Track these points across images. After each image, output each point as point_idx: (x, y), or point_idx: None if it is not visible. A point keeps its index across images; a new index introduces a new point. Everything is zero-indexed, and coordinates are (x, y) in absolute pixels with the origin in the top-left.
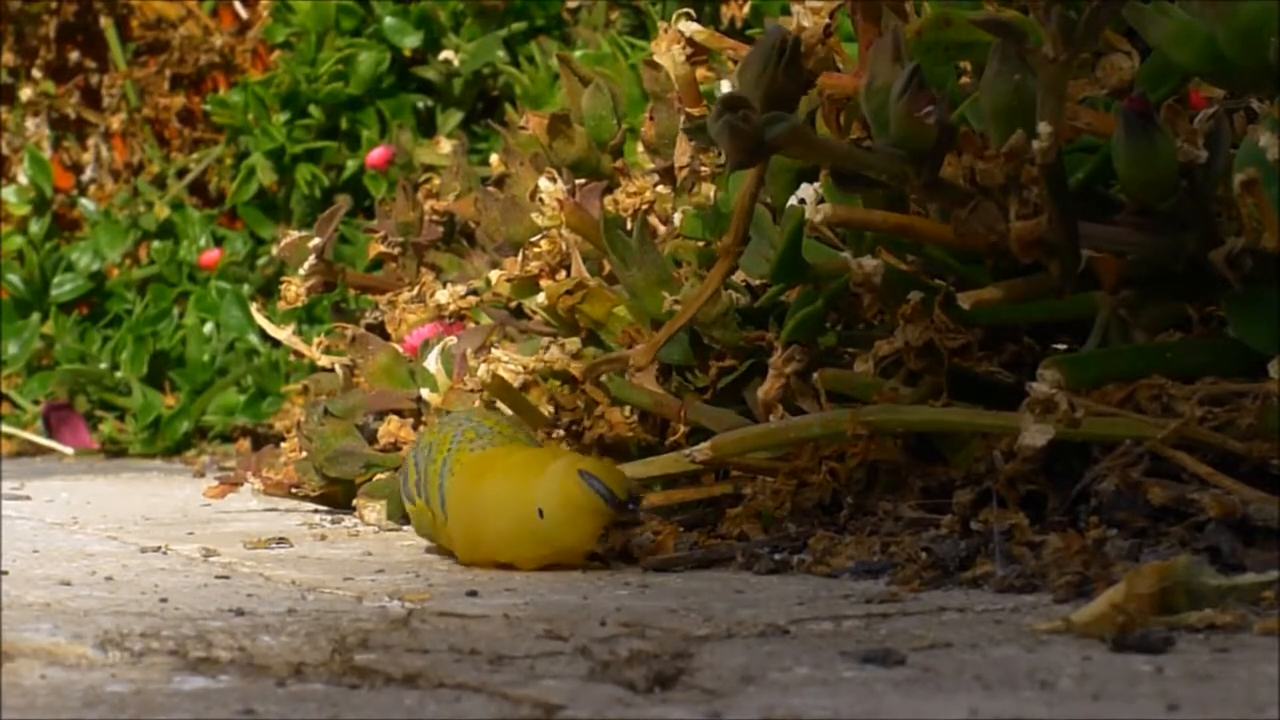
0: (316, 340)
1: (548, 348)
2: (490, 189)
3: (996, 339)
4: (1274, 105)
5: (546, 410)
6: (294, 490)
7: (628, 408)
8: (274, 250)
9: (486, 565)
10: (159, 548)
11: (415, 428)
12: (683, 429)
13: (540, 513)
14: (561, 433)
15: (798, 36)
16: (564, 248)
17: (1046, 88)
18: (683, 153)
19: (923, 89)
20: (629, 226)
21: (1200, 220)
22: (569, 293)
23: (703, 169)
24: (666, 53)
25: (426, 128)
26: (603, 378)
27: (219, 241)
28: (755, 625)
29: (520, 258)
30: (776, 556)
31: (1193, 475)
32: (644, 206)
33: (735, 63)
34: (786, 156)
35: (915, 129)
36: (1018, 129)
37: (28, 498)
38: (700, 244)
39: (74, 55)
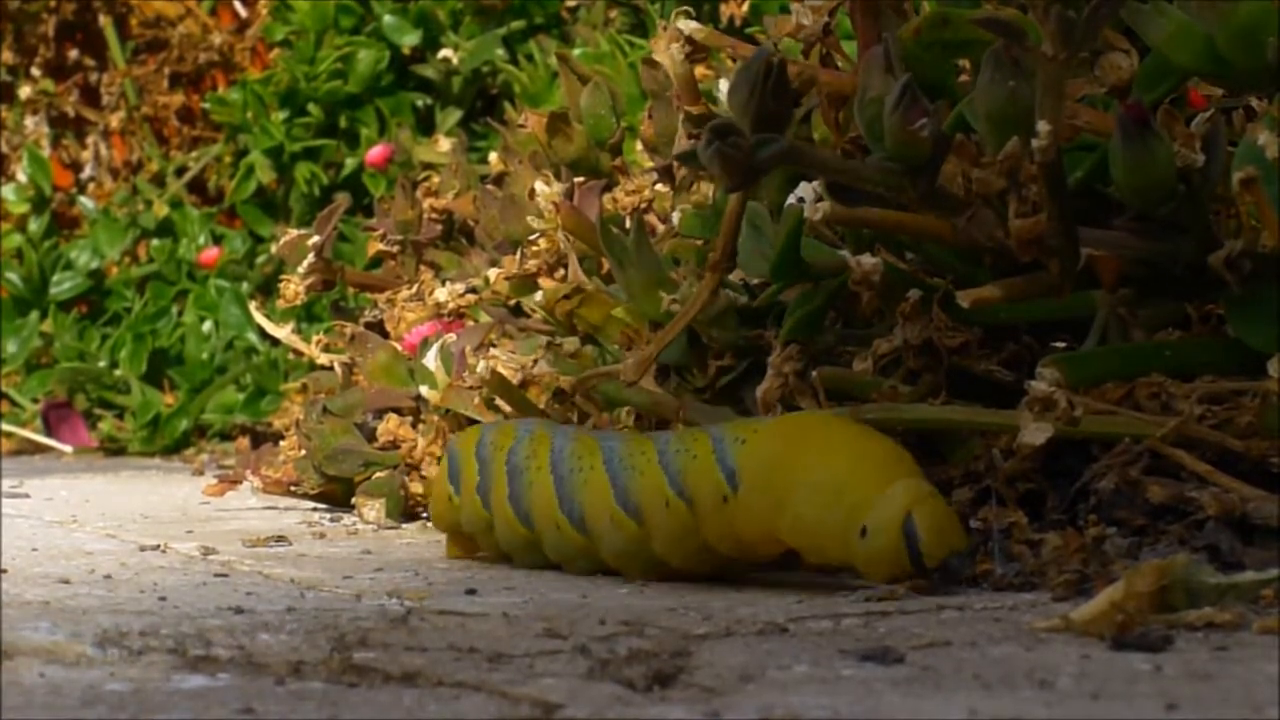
0: (315, 338)
1: (535, 362)
2: (489, 187)
3: (995, 337)
4: (1273, 104)
5: (553, 410)
6: (293, 488)
7: (626, 408)
8: (273, 248)
9: (779, 548)
10: (158, 546)
11: (414, 426)
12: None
13: (864, 531)
14: None
15: (783, 59)
16: (562, 246)
17: (1045, 86)
18: None
19: (916, 102)
20: (627, 225)
21: (1198, 224)
22: (566, 297)
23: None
24: (665, 51)
25: (425, 126)
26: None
27: (218, 240)
28: (754, 623)
29: (519, 256)
30: None
31: (1192, 473)
32: (643, 205)
33: (734, 61)
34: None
35: (910, 142)
36: (1013, 136)
37: (27, 496)
38: (699, 243)
39: (73, 53)
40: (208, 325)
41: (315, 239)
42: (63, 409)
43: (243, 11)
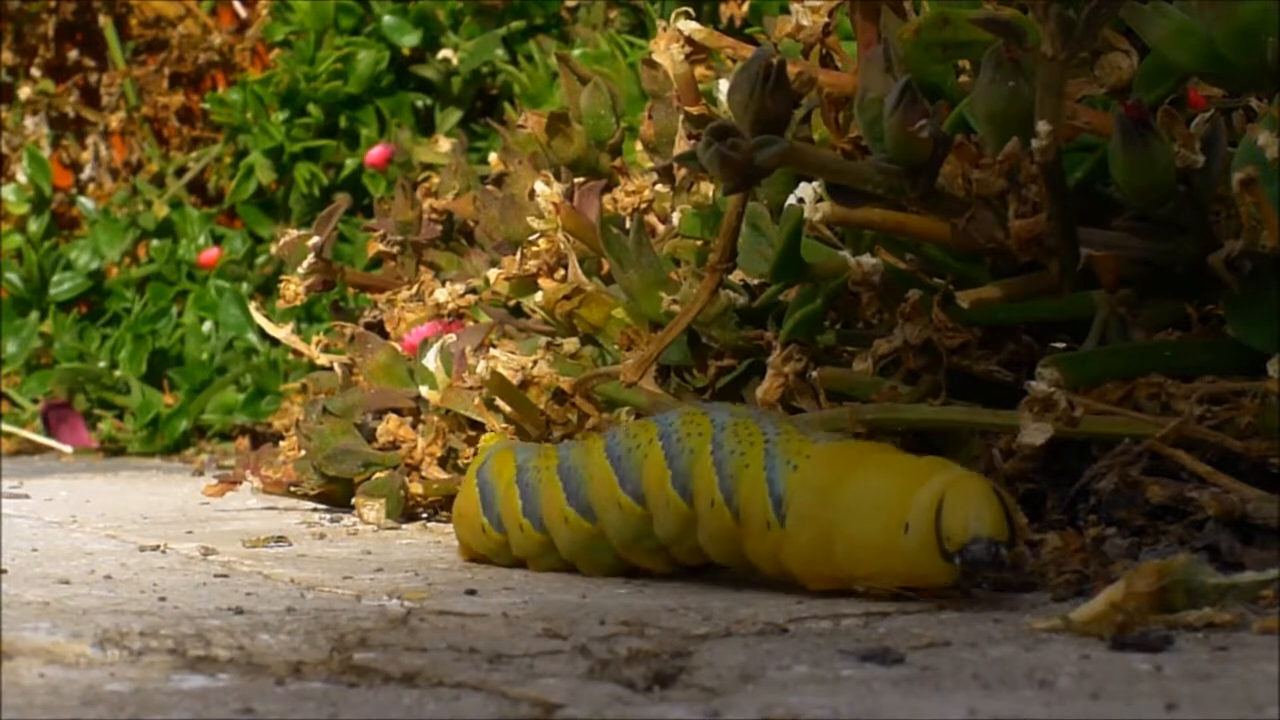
0: (315, 339)
1: (535, 363)
2: (489, 188)
3: (995, 337)
4: (1272, 104)
5: (552, 410)
6: (293, 489)
7: (626, 408)
8: (273, 249)
9: (826, 583)
10: (158, 546)
11: (414, 426)
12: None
13: (907, 528)
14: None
15: (783, 59)
16: (562, 247)
17: (1045, 86)
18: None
19: (915, 103)
20: (627, 226)
21: (1198, 224)
22: (566, 298)
23: None
24: (665, 51)
25: (425, 126)
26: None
27: (218, 240)
28: (754, 624)
29: (518, 256)
30: None
31: (1191, 474)
32: (643, 205)
33: (734, 61)
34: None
35: (910, 143)
36: (1013, 136)
37: (27, 496)
38: (699, 243)
39: (73, 54)
40: (208, 325)
41: (315, 239)
42: (63, 409)
43: (243, 11)
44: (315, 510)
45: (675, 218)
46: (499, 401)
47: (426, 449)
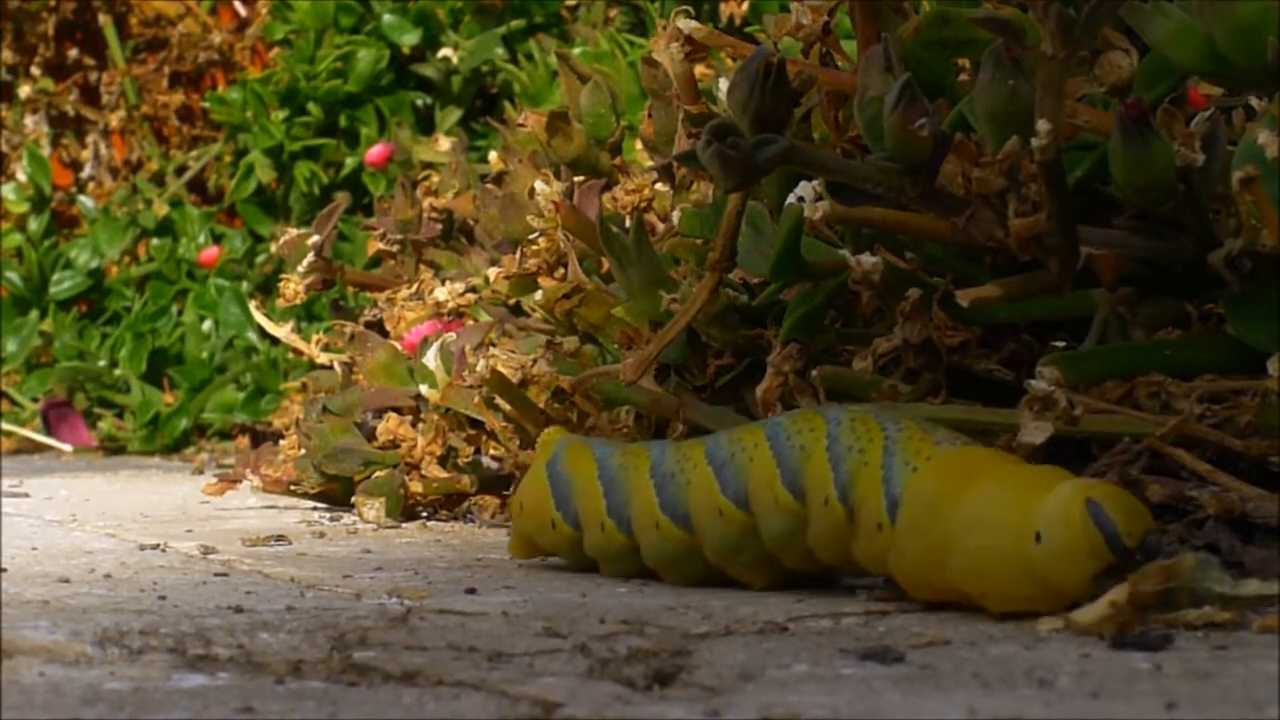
0: (315, 337)
1: (535, 361)
2: (489, 186)
3: (995, 336)
4: (1272, 103)
5: (552, 409)
6: (293, 488)
7: (625, 408)
8: (273, 248)
9: (932, 594)
10: (158, 545)
11: (414, 425)
12: (681, 429)
13: (1038, 536)
14: None
15: (783, 58)
16: (562, 246)
17: (1045, 85)
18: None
19: (916, 102)
20: (627, 224)
21: (1198, 223)
22: (566, 296)
23: None
24: (665, 50)
25: (425, 125)
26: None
27: (218, 239)
28: (754, 623)
29: (518, 255)
30: None
31: (1191, 472)
32: (642, 204)
33: (734, 60)
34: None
35: (910, 142)
36: (1012, 135)
37: (26, 495)
38: (699, 242)
39: (73, 53)
40: (208, 324)
41: (315, 238)
42: (62, 408)
43: (243, 10)
44: (315, 509)
45: (675, 216)
46: (499, 400)
47: (426, 448)
